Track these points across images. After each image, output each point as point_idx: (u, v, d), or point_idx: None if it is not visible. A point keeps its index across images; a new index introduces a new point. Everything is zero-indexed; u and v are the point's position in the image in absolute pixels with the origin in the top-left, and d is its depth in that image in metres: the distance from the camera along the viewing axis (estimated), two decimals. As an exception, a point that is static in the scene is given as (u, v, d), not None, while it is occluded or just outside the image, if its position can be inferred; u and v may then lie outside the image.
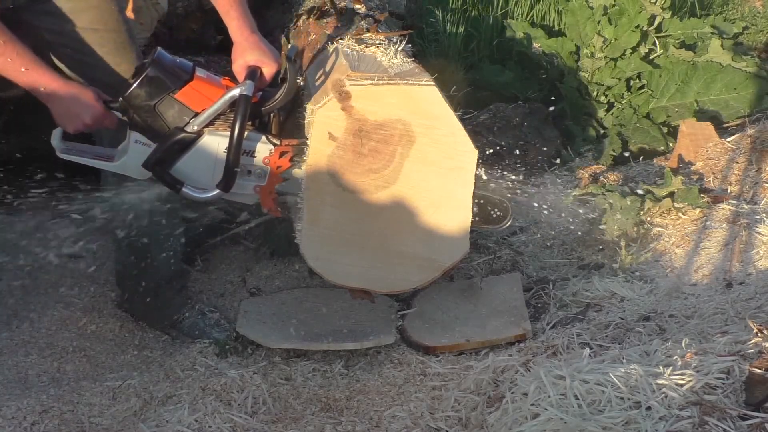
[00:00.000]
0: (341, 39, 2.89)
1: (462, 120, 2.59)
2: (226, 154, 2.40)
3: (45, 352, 2.75)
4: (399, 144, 2.53)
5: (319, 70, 2.74)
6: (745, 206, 3.05)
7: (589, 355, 2.20)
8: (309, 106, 2.61)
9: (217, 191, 2.45)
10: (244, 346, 2.79)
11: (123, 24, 2.68)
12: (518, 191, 2.90)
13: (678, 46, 4.24)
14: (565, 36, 4.42)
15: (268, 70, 2.51)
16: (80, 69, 2.62)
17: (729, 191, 3.24)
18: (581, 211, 3.22)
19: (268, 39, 3.82)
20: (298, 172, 2.51)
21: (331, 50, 2.85)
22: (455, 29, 4.83)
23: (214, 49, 4.16)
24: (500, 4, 5.07)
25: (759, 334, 2.04)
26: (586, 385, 1.97)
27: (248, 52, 2.51)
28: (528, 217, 3.50)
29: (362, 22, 3.02)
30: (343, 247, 2.60)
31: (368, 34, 2.91)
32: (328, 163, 2.53)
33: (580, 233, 3.26)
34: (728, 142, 3.59)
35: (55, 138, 2.52)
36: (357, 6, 3.17)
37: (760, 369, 1.86)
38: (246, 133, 2.42)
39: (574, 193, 3.35)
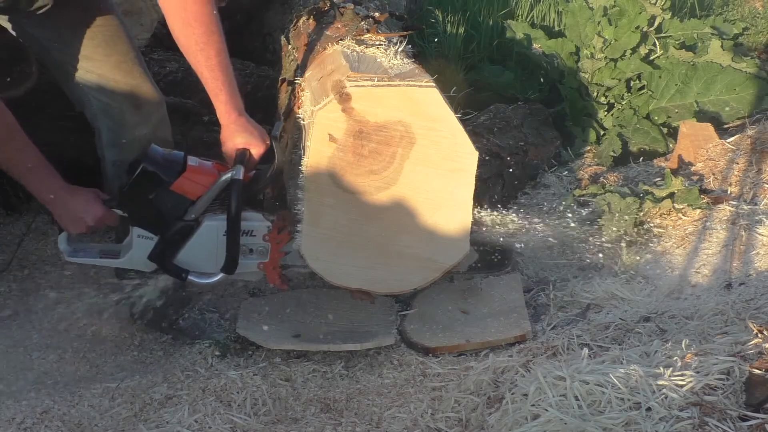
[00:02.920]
0: (341, 40, 2.89)
1: (462, 121, 2.60)
2: (225, 237, 2.49)
3: (45, 353, 2.75)
4: (399, 145, 2.53)
5: (319, 71, 2.74)
6: (745, 207, 3.05)
7: (589, 355, 2.20)
8: (309, 108, 2.61)
9: (221, 275, 2.55)
10: (244, 347, 2.79)
11: (113, 19, 2.68)
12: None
13: (678, 47, 4.24)
14: (565, 37, 4.42)
15: (256, 151, 2.56)
16: (67, 63, 2.63)
17: (729, 192, 3.24)
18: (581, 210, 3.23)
19: (268, 39, 3.84)
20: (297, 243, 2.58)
21: (331, 51, 2.85)
22: (455, 30, 4.84)
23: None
24: (500, 5, 5.08)
25: (759, 335, 2.04)
26: (586, 385, 1.97)
27: (236, 135, 2.54)
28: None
29: (362, 23, 3.02)
30: (343, 248, 2.61)
31: (368, 35, 2.91)
32: (328, 164, 2.53)
33: (580, 233, 3.27)
34: (728, 143, 3.59)
35: (62, 242, 2.64)
36: (357, 7, 3.17)
37: (760, 370, 1.86)
38: (244, 213, 2.51)
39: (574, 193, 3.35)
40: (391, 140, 2.52)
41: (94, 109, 2.74)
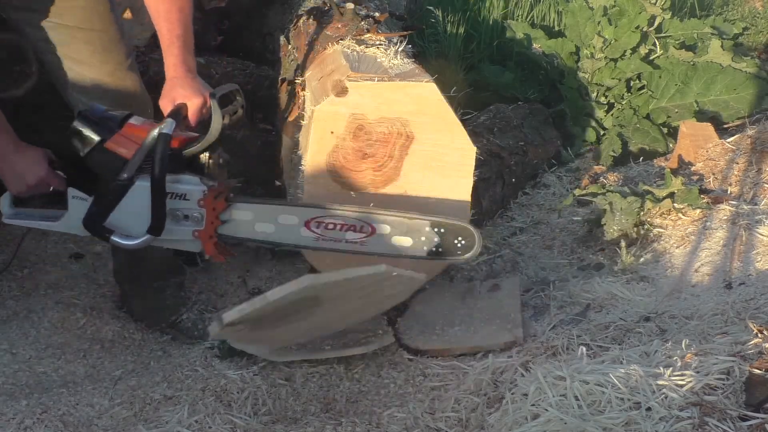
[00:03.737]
0: (341, 39, 2.90)
1: (462, 120, 2.61)
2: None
3: (44, 352, 2.75)
4: (399, 142, 2.55)
5: (319, 71, 2.75)
6: (746, 207, 3.04)
7: (589, 355, 2.20)
8: (309, 107, 2.62)
9: (146, 236, 2.39)
10: (244, 347, 2.79)
11: (112, 24, 2.65)
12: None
13: (678, 47, 4.24)
14: (565, 37, 4.42)
15: (194, 107, 2.41)
16: (62, 66, 2.61)
17: (729, 192, 3.24)
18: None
19: (268, 39, 3.83)
20: (237, 211, 2.42)
21: (331, 51, 2.86)
22: (455, 30, 4.84)
23: (215, 49, 4.17)
24: (500, 5, 5.08)
25: (759, 335, 2.04)
26: (586, 385, 1.97)
27: (177, 88, 2.43)
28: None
29: (362, 23, 3.02)
30: (343, 246, 2.61)
31: (368, 35, 2.92)
32: (328, 161, 2.54)
33: (580, 234, 3.27)
34: (728, 142, 3.59)
35: (5, 204, 2.50)
36: (357, 7, 3.17)
37: (760, 370, 1.86)
38: (178, 176, 2.36)
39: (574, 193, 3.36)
40: (391, 137, 2.54)
41: None
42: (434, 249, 2.44)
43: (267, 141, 3.53)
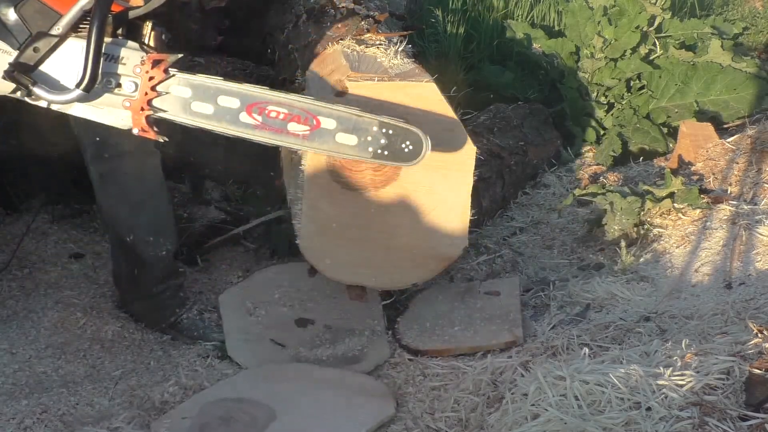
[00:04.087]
0: (341, 39, 2.90)
1: (462, 120, 2.61)
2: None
3: (44, 352, 2.75)
4: (399, 141, 2.54)
5: (320, 71, 2.75)
6: (745, 207, 3.05)
7: (589, 355, 2.20)
8: (309, 106, 2.62)
9: (77, 91, 2.19)
10: (244, 347, 2.79)
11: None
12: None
13: (678, 47, 4.24)
14: (565, 37, 4.42)
15: None
16: None
17: (729, 192, 3.24)
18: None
19: (268, 39, 3.83)
20: (175, 85, 2.28)
21: (331, 51, 2.86)
22: (455, 30, 4.84)
23: (215, 49, 4.16)
24: (500, 5, 5.08)
25: (759, 335, 2.04)
26: (586, 385, 1.97)
27: None
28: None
29: (362, 23, 3.02)
30: (342, 244, 2.62)
31: (368, 35, 2.92)
32: (327, 161, 2.55)
33: (580, 234, 3.27)
34: (728, 142, 3.59)
35: None
36: (357, 6, 3.17)
37: (760, 370, 1.86)
38: (117, 39, 2.24)
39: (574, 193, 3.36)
40: (391, 136, 2.54)
41: (80, 123, 2.72)
42: (380, 151, 2.34)
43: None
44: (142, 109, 2.27)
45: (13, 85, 2.24)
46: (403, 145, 2.34)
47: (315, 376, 2.51)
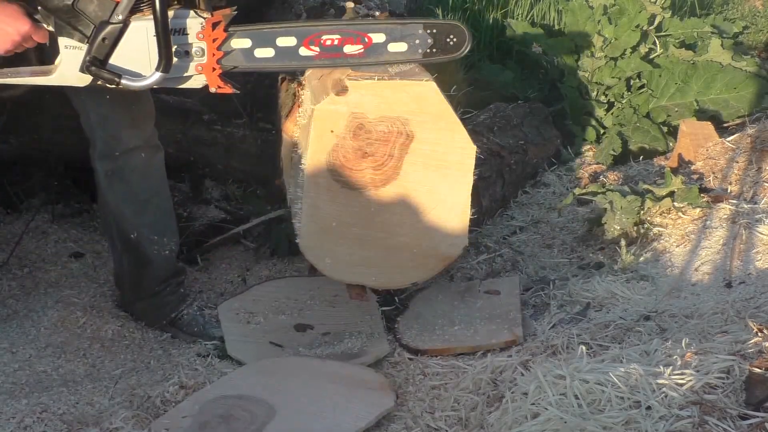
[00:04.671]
0: (341, 38, 2.89)
1: (462, 119, 2.61)
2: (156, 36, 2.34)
3: (44, 351, 2.75)
4: (398, 141, 2.55)
5: (320, 70, 2.74)
6: (745, 206, 3.05)
7: (589, 354, 2.20)
8: (309, 106, 2.62)
9: (157, 74, 2.37)
10: (244, 346, 2.79)
11: None
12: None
13: (678, 46, 4.24)
14: (565, 36, 4.42)
15: None
16: None
17: (729, 191, 3.24)
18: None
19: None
20: (236, 39, 2.45)
21: (331, 49, 2.85)
22: (455, 29, 4.82)
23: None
24: (500, 4, 5.08)
25: (759, 334, 2.04)
26: (586, 384, 1.97)
27: None
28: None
29: (362, 22, 3.02)
30: (342, 244, 2.61)
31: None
32: (328, 159, 2.55)
33: (580, 233, 3.27)
34: (728, 141, 3.59)
35: None
36: (357, 5, 3.17)
37: (760, 369, 1.86)
38: (172, 11, 2.36)
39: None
40: (391, 136, 2.54)
41: (91, 120, 2.73)
42: (429, 50, 2.50)
43: (267, 140, 3.53)
44: (214, 69, 2.43)
45: (89, 77, 2.38)
46: (448, 39, 2.50)
47: (314, 369, 2.51)
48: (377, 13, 3.12)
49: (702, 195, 3.13)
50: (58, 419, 2.36)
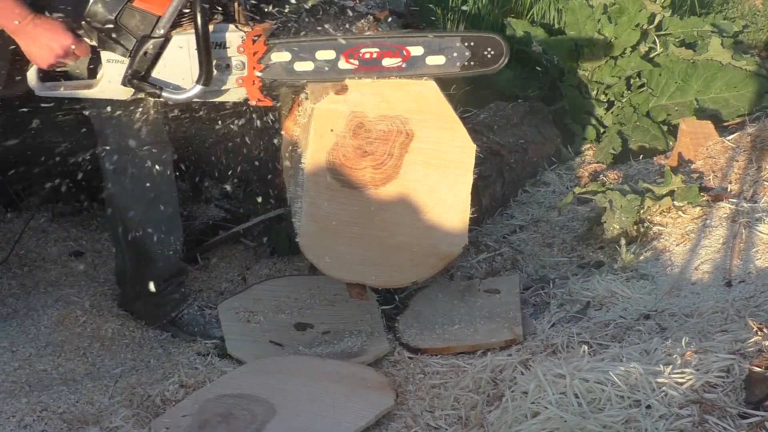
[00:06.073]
0: (341, 37, 2.89)
1: (462, 118, 2.61)
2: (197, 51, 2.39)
3: (44, 350, 2.75)
4: (398, 140, 2.55)
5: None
6: (745, 205, 3.05)
7: (589, 353, 2.20)
8: (309, 105, 2.62)
9: (198, 87, 2.42)
10: (244, 345, 2.79)
11: None
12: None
13: (678, 45, 4.23)
14: (565, 34, 4.41)
15: None
16: None
17: (729, 190, 3.24)
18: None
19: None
20: (276, 52, 2.48)
21: (331, 48, 2.85)
22: (455, 28, 4.83)
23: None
24: (500, 3, 5.08)
25: (759, 333, 2.04)
26: (585, 383, 1.97)
27: None
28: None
29: (362, 21, 3.02)
30: (342, 242, 2.61)
31: (368, 33, 2.91)
32: (327, 158, 2.55)
33: (580, 232, 3.27)
34: (728, 140, 3.59)
35: (32, 78, 2.48)
36: (358, 5, 3.17)
37: (759, 367, 1.87)
38: (212, 26, 2.41)
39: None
40: (391, 135, 2.55)
41: (102, 115, 2.73)
42: (466, 63, 2.52)
43: (267, 139, 3.52)
44: (254, 83, 2.48)
45: (131, 90, 2.44)
46: (485, 52, 2.52)
47: (314, 368, 2.51)
48: (377, 12, 3.12)
49: (702, 194, 3.13)
50: (58, 418, 2.36)
